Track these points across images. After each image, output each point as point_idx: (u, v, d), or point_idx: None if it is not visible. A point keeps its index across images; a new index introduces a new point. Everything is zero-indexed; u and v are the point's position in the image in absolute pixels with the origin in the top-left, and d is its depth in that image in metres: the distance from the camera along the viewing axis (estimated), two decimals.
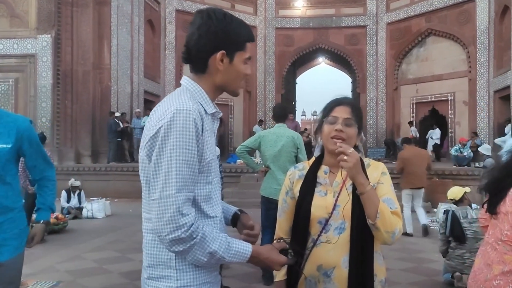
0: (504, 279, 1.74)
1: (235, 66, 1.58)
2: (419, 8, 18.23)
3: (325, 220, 1.81)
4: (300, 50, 20.43)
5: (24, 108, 13.79)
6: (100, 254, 6.57)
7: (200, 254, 1.44)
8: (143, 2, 16.11)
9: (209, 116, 1.59)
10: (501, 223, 1.82)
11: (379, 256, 1.86)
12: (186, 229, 1.40)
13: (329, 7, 20.19)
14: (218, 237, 1.46)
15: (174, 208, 1.40)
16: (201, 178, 1.51)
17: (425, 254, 6.67)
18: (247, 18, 19.68)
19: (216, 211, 1.58)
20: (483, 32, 16.17)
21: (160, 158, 1.43)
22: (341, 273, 1.76)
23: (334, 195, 1.84)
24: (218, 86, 1.61)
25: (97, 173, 13.06)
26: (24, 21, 13.91)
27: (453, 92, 17.50)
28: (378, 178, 1.84)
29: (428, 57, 18.42)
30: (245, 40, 1.59)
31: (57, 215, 8.42)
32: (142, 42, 16.14)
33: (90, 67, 14.08)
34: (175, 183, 1.41)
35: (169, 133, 1.42)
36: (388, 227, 1.69)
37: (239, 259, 1.50)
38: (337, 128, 1.82)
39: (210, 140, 1.54)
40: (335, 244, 1.78)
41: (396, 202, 1.79)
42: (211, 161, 1.54)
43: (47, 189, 2.73)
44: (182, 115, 1.43)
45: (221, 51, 1.54)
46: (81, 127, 14.07)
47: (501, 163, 1.94)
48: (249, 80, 19.91)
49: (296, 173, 1.99)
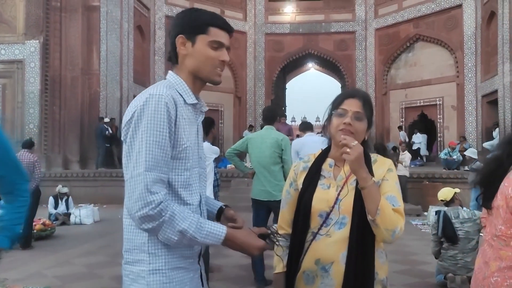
0: (501, 275, 1.73)
1: (198, 48, 1.62)
2: (407, 14, 18.40)
3: (326, 213, 1.78)
4: (289, 56, 20.50)
5: (12, 114, 13.63)
6: (90, 259, 6.48)
7: (170, 233, 1.45)
8: (132, 8, 16.06)
9: (189, 106, 1.63)
10: (495, 218, 1.81)
11: (381, 254, 1.81)
12: (154, 207, 1.42)
13: (318, 13, 20.32)
14: (189, 216, 1.48)
15: (142, 185, 1.44)
16: (179, 164, 1.55)
17: (418, 256, 6.67)
18: (237, 24, 19.73)
19: (193, 199, 1.61)
20: (470, 37, 16.36)
21: (133, 139, 1.49)
22: (339, 269, 1.72)
23: (337, 189, 1.80)
24: (192, 73, 1.65)
25: (86, 179, 12.92)
26: (11, 26, 13.77)
27: (441, 97, 17.64)
28: (384, 175, 1.79)
29: (417, 62, 18.58)
30: (206, 24, 1.62)
31: (44, 221, 8.32)
32: (131, 48, 16.07)
33: (78, 73, 13.98)
34: (145, 162, 1.45)
35: (141, 116, 1.48)
36: (388, 225, 1.65)
37: (212, 240, 1.50)
38: (346, 122, 1.78)
39: (188, 128, 1.58)
40: (335, 239, 1.74)
41: (400, 200, 1.75)
42: (188, 148, 1.57)
43: (13, 205, 2.12)
44: (154, 99, 1.49)
45: (180, 35, 1.61)
46: (69, 133, 13.93)
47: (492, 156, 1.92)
48: (239, 86, 19.95)
49: (300, 165, 1.96)
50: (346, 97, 1.85)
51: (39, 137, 13.30)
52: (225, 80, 19.68)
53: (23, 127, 13.25)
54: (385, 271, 1.82)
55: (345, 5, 20.24)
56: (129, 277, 1.55)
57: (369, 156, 1.81)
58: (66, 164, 13.73)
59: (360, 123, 1.80)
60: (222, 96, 19.42)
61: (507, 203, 1.73)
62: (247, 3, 20.31)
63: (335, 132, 1.81)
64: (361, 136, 1.80)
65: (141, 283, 1.51)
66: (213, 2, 19.19)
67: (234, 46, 19.46)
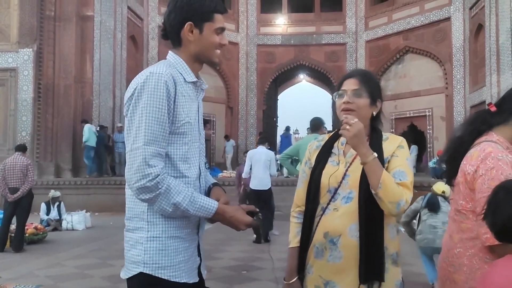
0: (463, 246, 1.81)
1: (206, 36, 1.72)
2: (396, 27, 18.71)
3: (334, 189, 1.84)
4: (281, 67, 20.72)
5: (4, 122, 13.66)
6: (81, 261, 6.52)
7: (165, 204, 1.56)
8: (126, 18, 16.22)
9: (190, 84, 1.73)
10: (457, 194, 1.90)
11: (392, 229, 1.86)
12: (152, 179, 1.52)
13: (310, 25, 20.59)
14: (184, 190, 1.58)
15: (141, 158, 1.53)
16: (178, 138, 1.65)
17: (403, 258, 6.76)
18: (229, 35, 19.90)
19: (192, 172, 1.70)
20: (459, 49, 16.67)
21: (133, 115, 1.58)
22: (347, 241, 1.78)
23: (345, 165, 1.86)
24: (194, 56, 1.75)
25: (78, 187, 12.94)
26: (5, 35, 13.86)
27: (430, 108, 17.88)
28: (393, 151, 1.84)
29: (406, 74, 18.85)
30: (212, 11, 1.72)
31: (36, 225, 8.35)
32: (124, 57, 16.19)
33: (71, 81, 14.04)
34: (144, 137, 1.55)
35: (141, 93, 1.58)
36: (391, 198, 1.69)
37: (203, 213, 1.62)
38: (345, 101, 1.86)
39: (187, 105, 1.68)
40: (342, 212, 1.80)
41: (408, 174, 1.79)
42: (187, 124, 1.66)
43: None
44: (154, 77, 1.58)
45: (188, 22, 1.68)
46: (61, 141, 13.96)
47: (455, 136, 2.03)
48: (231, 96, 20.09)
49: (314, 144, 2.05)
50: (344, 78, 1.95)
51: (31, 145, 13.31)
52: (218, 90, 19.86)
53: (15, 135, 13.27)
54: (395, 246, 1.87)
55: (336, 17, 20.56)
56: (129, 243, 1.66)
57: (380, 132, 1.89)
58: (58, 172, 13.73)
59: (359, 99, 1.86)
60: (214, 106, 19.55)
61: (465, 179, 1.81)
62: (240, 15, 20.56)
63: (339, 112, 1.89)
64: (363, 111, 1.87)
65: (139, 248, 1.62)
66: None
67: (226, 57, 19.70)
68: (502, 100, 1.96)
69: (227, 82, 20.03)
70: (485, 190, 1.68)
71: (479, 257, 1.76)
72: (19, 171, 7.44)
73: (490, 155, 1.75)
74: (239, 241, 7.92)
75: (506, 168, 1.70)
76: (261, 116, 20.53)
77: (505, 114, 1.89)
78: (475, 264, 1.76)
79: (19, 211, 7.42)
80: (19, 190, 7.36)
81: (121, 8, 15.73)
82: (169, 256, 1.63)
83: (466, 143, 1.91)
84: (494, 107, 1.94)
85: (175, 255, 1.64)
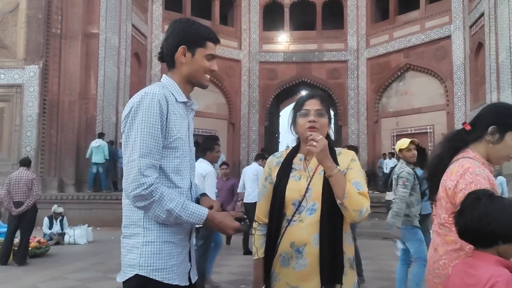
0: (448, 258, 1.92)
1: (197, 60, 1.91)
2: (397, 44, 18.92)
3: (298, 202, 2.01)
4: (283, 84, 20.92)
5: (9, 137, 13.84)
6: (83, 275, 6.60)
7: (159, 211, 1.71)
8: (130, 36, 16.49)
9: (181, 104, 1.91)
10: (439, 209, 2.02)
11: (348, 236, 2.05)
12: (146, 188, 1.68)
13: (312, 42, 20.84)
14: (176, 198, 1.73)
15: (136, 169, 1.69)
16: (170, 152, 1.81)
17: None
18: (232, 52, 20.21)
19: (184, 183, 1.86)
20: (459, 67, 16.83)
21: (130, 131, 1.75)
22: (312, 249, 1.94)
23: (307, 179, 2.04)
24: (185, 78, 1.93)
25: (80, 202, 13.03)
26: (12, 52, 14.12)
27: (432, 125, 17.97)
28: (348, 164, 2.03)
29: (408, 91, 19.00)
30: (205, 39, 1.92)
31: (39, 239, 8.43)
32: (128, 74, 16.42)
33: (76, 97, 14.25)
34: (139, 150, 1.71)
35: (137, 111, 1.75)
36: (355, 206, 1.87)
37: (195, 219, 1.76)
38: (311, 120, 2.03)
39: (178, 122, 1.85)
40: (306, 223, 1.97)
41: (364, 184, 1.99)
42: (179, 139, 1.83)
43: None
44: (148, 97, 1.77)
45: (182, 46, 1.88)
46: (65, 156, 14.11)
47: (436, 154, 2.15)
48: (233, 112, 20.26)
49: (274, 160, 2.20)
50: (306, 99, 2.13)
51: (35, 160, 13.46)
52: (220, 106, 20.04)
53: (20, 150, 13.41)
54: (352, 252, 2.06)
55: (338, 35, 20.80)
56: (126, 248, 1.80)
57: (333, 148, 2.07)
58: (61, 187, 13.85)
59: (322, 119, 2.07)
60: (216, 122, 19.73)
61: (446, 193, 1.94)
62: (242, 33, 20.85)
63: (302, 130, 2.06)
64: (325, 130, 2.07)
65: (135, 253, 1.76)
66: None
67: (228, 74, 19.93)
68: (476, 118, 2.08)
69: (229, 99, 20.23)
70: None
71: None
72: (24, 185, 7.59)
73: (468, 170, 1.88)
74: (238, 256, 8.00)
75: (484, 182, 1.82)
76: (263, 132, 20.67)
77: (478, 131, 2.02)
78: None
79: (23, 225, 7.54)
80: (23, 204, 7.48)
81: (126, 26, 16.02)
82: (163, 260, 1.77)
83: (445, 160, 2.04)
84: (469, 126, 2.08)
85: (168, 258, 1.78)
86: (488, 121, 1.99)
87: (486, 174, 1.87)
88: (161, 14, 18.71)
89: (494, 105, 2.18)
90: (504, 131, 1.95)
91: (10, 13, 14.18)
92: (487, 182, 1.83)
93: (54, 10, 14.20)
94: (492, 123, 1.97)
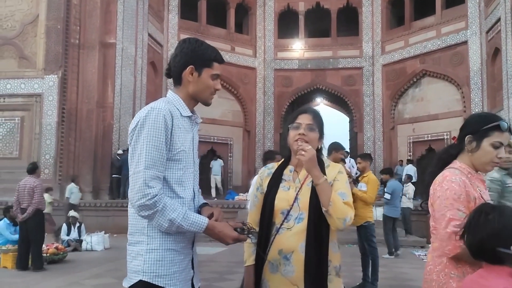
0: (434, 263, 2.02)
1: (203, 79, 2.00)
2: (413, 51, 18.82)
3: (287, 211, 2.10)
4: (298, 91, 20.95)
5: (29, 146, 14.16)
6: (98, 281, 6.72)
7: (162, 220, 1.79)
8: (146, 45, 16.75)
9: (186, 118, 1.99)
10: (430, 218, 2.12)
11: (335, 245, 2.14)
12: (150, 198, 1.76)
13: (326, 49, 20.85)
14: (178, 208, 1.82)
15: (141, 180, 1.78)
16: (174, 164, 1.90)
17: (414, 282, 6.79)
18: (247, 60, 20.36)
19: (186, 194, 1.95)
20: (476, 73, 16.67)
21: (136, 143, 1.84)
22: (299, 257, 2.03)
23: (296, 190, 2.13)
24: (191, 95, 2.02)
25: (97, 209, 13.25)
26: (32, 62, 14.47)
27: (449, 131, 17.78)
28: (335, 176, 2.13)
29: (424, 97, 18.86)
30: (212, 60, 2.02)
31: (57, 245, 8.60)
32: (144, 83, 16.66)
33: (94, 106, 14.51)
34: (145, 162, 1.80)
35: (144, 125, 1.84)
36: (339, 214, 1.97)
37: (196, 228, 1.84)
38: (300, 132, 2.14)
39: (182, 136, 1.94)
40: (294, 231, 2.06)
41: (349, 195, 2.08)
42: (182, 152, 1.92)
43: None
44: (154, 112, 1.86)
45: (190, 66, 1.97)
46: (83, 164, 14.34)
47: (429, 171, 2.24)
48: (249, 120, 20.36)
49: (265, 172, 2.31)
50: (299, 113, 2.23)
51: (54, 168, 13.75)
52: (235, 114, 20.17)
53: (40, 158, 13.69)
54: (338, 260, 2.14)
55: (353, 42, 20.79)
56: (131, 255, 1.91)
57: (322, 161, 2.16)
58: None
59: (312, 133, 2.16)
60: (231, 129, 19.86)
61: (430, 202, 2.06)
62: (257, 40, 20.98)
63: (292, 142, 2.16)
64: (314, 144, 2.15)
65: (139, 259, 1.86)
66: (225, 40, 19.90)
67: (244, 81, 20.06)
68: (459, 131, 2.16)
69: (244, 106, 20.35)
70: (442, 209, 1.93)
71: (445, 272, 1.96)
72: (27, 193, 7.70)
73: (446, 178, 2.00)
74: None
75: (457, 188, 1.93)
76: (278, 140, 20.70)
77: (461, 143, 2.11)
78: (442, 279, 1.96)
79: (29, 232, 7.66)
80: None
81: (142, 35, 16.28)
82: (166, 266, 1.85)
83: (436, 173, 2.13)
84: (456, 139, 2.18)
85: (170, 265, 1.86)
86: (465, 131, 2.09)
87: (462, 180, 1.96)
88: (177, 23, 18.95)
89: (472, 115, 2.28)
90: (480, 138, 2.02)
91: (30, 24, 14.57)
92: (460, 188, 1.93)
93: (73, 21, 14.53)
94: (468, 132, 2.06)
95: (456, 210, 1.89)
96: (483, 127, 2.01)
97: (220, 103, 19.20)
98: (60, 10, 14.37)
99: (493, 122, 2.01)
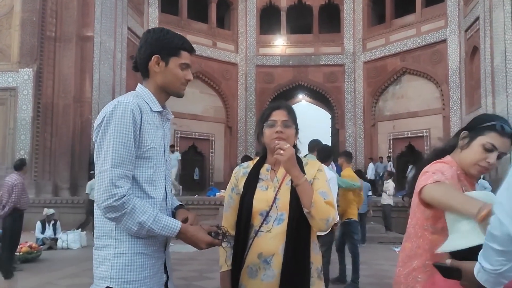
0: (403, 265, 1.96)
1: (170, 69, 1.87)
2: (394, 48, 18.93)
3: (266, 212, 1.98)
4: (280, 87, 20.89)
5: (3, 141, 13.76)
6: (73, 281, 6.53)
7: (131, 223, 1.66)
8: (126, 39, 16.44)
9: (156, 113, 1.86)
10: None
11: (316, 246, 2.03)
12: (118, 199, 1.63)
13: (308, 46, 20.83)
14: (148, 210, 1.68)
15: (108, 180, 1.64)
16: (144, 162, 1.76)
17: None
18: (229, 56, 20.22)
19: (157, 194, 1.81)
20: (455, 71, 16.84)
21: (102, 140, 1.70)
22: (280, 260, 1.91)
23: (274, 189, 2.01)
24: (160, 87, 1.89)
25: (75, 206, 12.95)
26: (6, 55, 14.05)
27: (428, 129, 17.97)
28: (314, 174, 2.02)
29: (404, 95, 19.00)
30: (179, 48, 1.88)
31: (31, 244, 8.35)
32: (124, 77, 16.36)
33: (71, 101, 14.16)
34: (111, 160, 1.66)
35: (110, 121, 1.70)
36: (322, 215, 1.87)
37: (168, 232, 1.71)
38: (277, 130, 2.01)
39: (152, 132, 1.81)
40: (274, 233, 1.94)
41: (330, 194, 1.97)
42: (152, 149, 1.78)
43: None
44: (121, 106, 1.72)
45: (155, 55, 1.84)
46: (60, 159, 14.01)
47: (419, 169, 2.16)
48: (230, 116, 20.23)
49: (240, 171, 2.17)
50: (272, 110, 2.09)
51: (29, 164, 13.30)
52: (217, 110, 20.02)
53: (14, 154, 13.33)
54: (319, 261, 2.03)
55: (334, 38, 20.80)
56: (97, 260, 1.75)
57: (300, 159, 2.05)
58: (56, 191, 13.76)
59: (289, 130, 2.04)
60: (213, 125, 19.70)
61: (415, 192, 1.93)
62: (239, 36, 20.83)
63: (269, 141, 2.03)
64: (292, 141, 2.05)
65: (107, 264, 1.71)
66: (207, 35, 19.71)
67: (225, 77, 19.92)
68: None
69: (226, 102, 20.20)
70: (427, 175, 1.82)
71: (412, 276, 1.89)
72: (7, 190, 7.24)
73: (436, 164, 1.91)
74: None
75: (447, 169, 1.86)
76: None
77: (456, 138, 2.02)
78: (410, 282, 1.89)
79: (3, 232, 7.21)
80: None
81: (121, 29, 15.97)
82: (135, 272, 1.71)
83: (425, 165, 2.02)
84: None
85: (140, 270, 1.72)
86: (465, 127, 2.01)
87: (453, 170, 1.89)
88: (157, 17, 18.64)
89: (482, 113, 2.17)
90: (474, 136, 1.93)
91: (4, 16, 14.14)
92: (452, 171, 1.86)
93: (49, 13, 14.14)
94: (466, 128, 1.99)
95: (441, 174, 1.79)
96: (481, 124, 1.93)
97: (202, 98, 19.01)
98: (36, 2, 13.94)
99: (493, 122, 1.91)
